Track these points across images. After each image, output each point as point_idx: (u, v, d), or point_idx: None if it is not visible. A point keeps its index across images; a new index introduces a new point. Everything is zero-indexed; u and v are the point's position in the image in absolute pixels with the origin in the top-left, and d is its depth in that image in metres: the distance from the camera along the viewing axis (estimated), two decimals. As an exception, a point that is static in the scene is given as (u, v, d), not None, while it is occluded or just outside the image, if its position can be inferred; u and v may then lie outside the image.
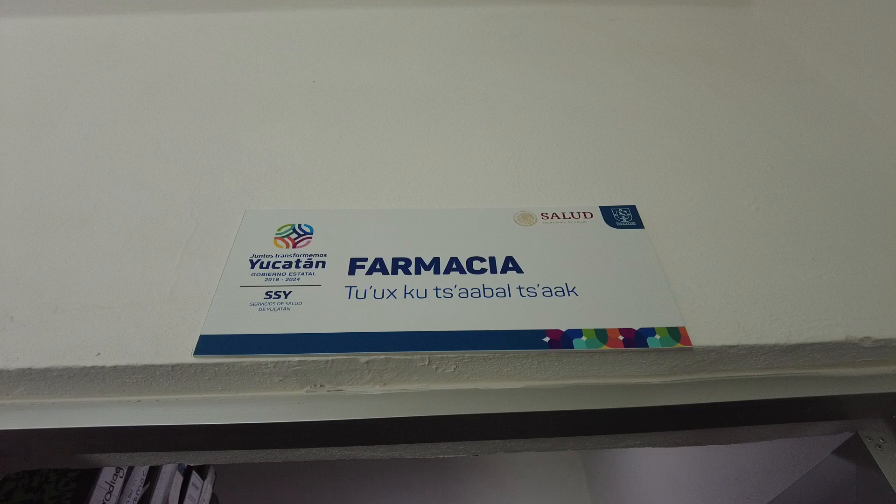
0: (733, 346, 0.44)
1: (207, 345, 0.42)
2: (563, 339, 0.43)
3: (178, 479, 1.08)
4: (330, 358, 0.42)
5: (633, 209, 0.54)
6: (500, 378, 0.45)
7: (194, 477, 1.14)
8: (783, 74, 0.74)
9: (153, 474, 0.98)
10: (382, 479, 1.82)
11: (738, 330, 0.45)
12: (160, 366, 0.41)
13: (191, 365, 0.41)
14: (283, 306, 0.44)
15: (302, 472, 1.81)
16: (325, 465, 1.83)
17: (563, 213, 0.53)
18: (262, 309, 0.44)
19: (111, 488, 0.87)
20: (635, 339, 0.43)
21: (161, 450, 0.48)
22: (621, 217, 0.53)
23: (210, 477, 1.24)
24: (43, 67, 0.72)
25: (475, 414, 0.43)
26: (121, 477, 0.89)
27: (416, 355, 0.42)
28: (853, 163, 0.60)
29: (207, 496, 1.22)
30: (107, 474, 0.86)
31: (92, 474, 0.85)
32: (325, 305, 0.45)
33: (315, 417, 0.43)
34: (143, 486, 0.96)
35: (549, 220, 0.52)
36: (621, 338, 0.43)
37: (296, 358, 0.42)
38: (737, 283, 0.48)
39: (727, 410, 0.46)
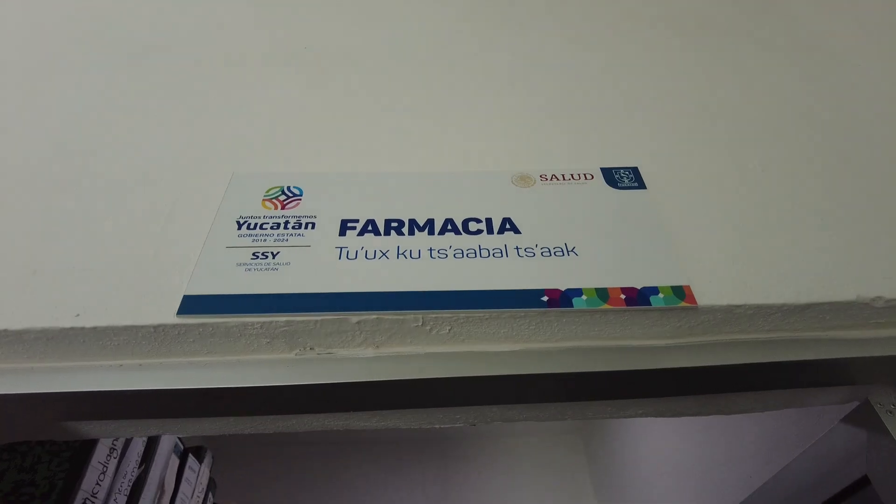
0: (740, 306, 0.42)
1: (191, 305, 0.40)
2: (562, 299, 0.41)
3: (175, 461, 1.06)
4: (319, 318, 0.40)
5: (634, 171, 0.52)
6: (497, 340, 0.43)
7: (191, 460, 1.13)
8: (787, 39, 0.72)
9: (148, 455, 0.97)
10: (382, 463, 1.81)
11: (745, 289, 0.43)
12: (142, 326, 0.40)
13: (174, 326, 0.40)
14: (271, 266, 0.43)
15: (300, 457, 1.81)
16: (324, 450, 1.82)
17: (563, 175, 0.51)
18: (249, 269, 0.43)
19: (105, 468, 0.85)
20: (638, 297, 0.41)
21: (146, 417, 0.47)
22: (623, 178, 0.51)
23: (207, 461, 1.22)
24: (30, 30, 0.70)
25: (471, 377, 0.41)
26: (115, 458, 0.88)
27: (409, 315, 0.41)
28: (860, 126, 0.58)
29: (205, 480, 1.21)
30: (100, 454, 0.85)
31: (85, 454, 0.83)
32: (315, 266, 0.43)
33: (305, 381, 0.41)
34: (139, 467, 0.95)
35: (548, 181, 0.51)
36: (623, 297, 0.41)
37: (283, 318, 0.40)
38: (743, 243, 0.46)
39: (733, 374, 0.44)
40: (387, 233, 0.45)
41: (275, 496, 1.71)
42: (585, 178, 0.51)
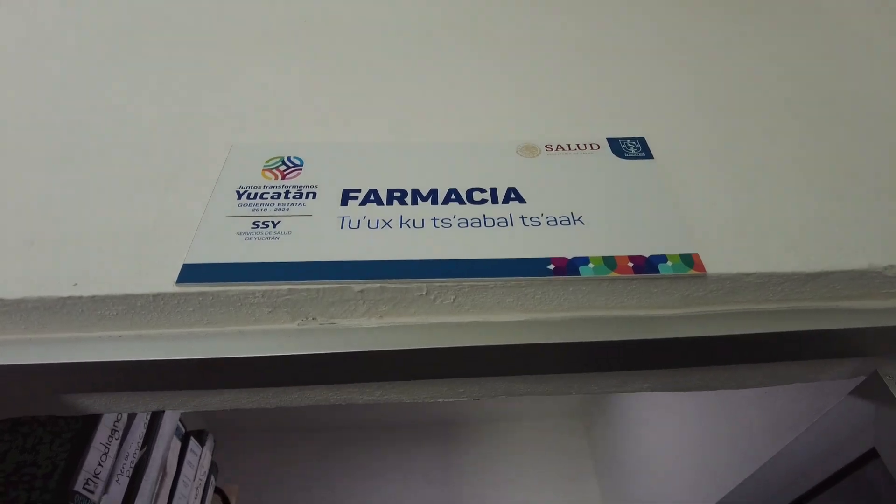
0: (750, 274, 0.41)
1: (191, 273, 0.39)
2: (568, 267, 0.40)
3: (176, 444, 1.06)
4: (322, 286, 0.39)
5: (641, 141, 0.51)
6: (501, 310, 0.42)
7: (192, 443, 1.13)
8: (796, 10, 0.70)
9: (150, 437, 0.97)
10: (383, 448, 1.82)
11: (755, 258, 0.42)
12: (141, 295, 0.39)
13: (173, 294, 0.39)
14: (272, 235, 0.42)
15: (302, 442, 1.81)
16: (325, 436, 1.83)
17: (569, 145, 0.50)
18: (250, 238, 0.42)
19: (107, 449, 0.85)
20: (646, 265, 0.41)
21: (146, 389, 0.46)
22: (630, 148, 0.50)
23: (209, 444, 1.22)
24: (25, 1, 0.69)
25: (476, 346, 0.41)
26: (116, 439, 0.87)
27: (413, 284, 0.40)
28: (870, 95, 0.57)
29: (207, 463, 1.21)
30: (102, 435, 0.84)
31: (87, 435, 0.83)
32: (316, 235, 0.42)
33: (307, 350, 0.40)
34: (140, 449, 0.95)
35: (553, 151, 0.50)
36: (631, 265, 0.41)
37: (285, 286, 0.39)
38: (752, 213, 0.45)
39: (741, 344, 0.43)
40: (389, 202, 0.45)
41: (276, 481, 1.71)
42: (591, 148, 0.50)
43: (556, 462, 1.78)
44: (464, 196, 0.45)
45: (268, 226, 0.43)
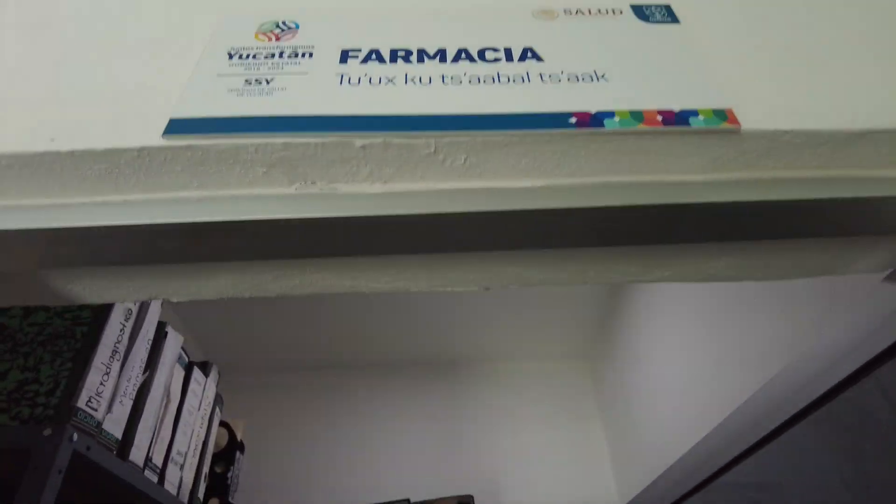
0: (787, 132, 0.38)
1: (178, 126, 0.36)
2: (592, 121, 0.37)
3: (179, 371, 1.05)
4: (320, 140, 0.36)
5: (667, 7, 0.47)
6: (517, 174, 0.39)
7: (196, 373, 1.12)
8: None
9: (152, 362, 0.96)
10: (388, 386, 1.82)
11: (793, 115, 0.38)
12: (125, 150, 0.36)
13: (160, 149, 0.36)
14: (265, 92, 0.38)
15: (307, 381, 1.82)
16: (331, 373, 1.83)
17: (589, 10, 0.46)
18: (241, 94, 0.38)
19: (108, 370, 0.84)
20: (676, 119, 0.37)
21: (133, 263, 0.43)
22: (654, 14, 0.46)
23: (213, 376, 1.22)
24: None
25: (488, 211, 0.38)
26: (117, 360, 0.86)
27: (420, 139, 0.36)
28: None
29: (212, 394, 1.20)
30: (102, 355, 0.83)
31: (87, 354, 0.81)
32: (313, 90, 0.39)
33: (306, 213, 0.37)
34: (143, 373, 0.94)
35: (572, 15, 0.45)
36: (660, 118, 0.37)
37: (280, 140, 0.36)
38: (790, 75, 0.42)
39: (773, 214, 0.40)
40: (393, 61, 0.41)
41: (282, 418, 1.72)
42: (614, 13, 0.46)
43: (560, 402, 1.79)
44: (475, 55, 0.41)
45: (261, 83, 0.39)
